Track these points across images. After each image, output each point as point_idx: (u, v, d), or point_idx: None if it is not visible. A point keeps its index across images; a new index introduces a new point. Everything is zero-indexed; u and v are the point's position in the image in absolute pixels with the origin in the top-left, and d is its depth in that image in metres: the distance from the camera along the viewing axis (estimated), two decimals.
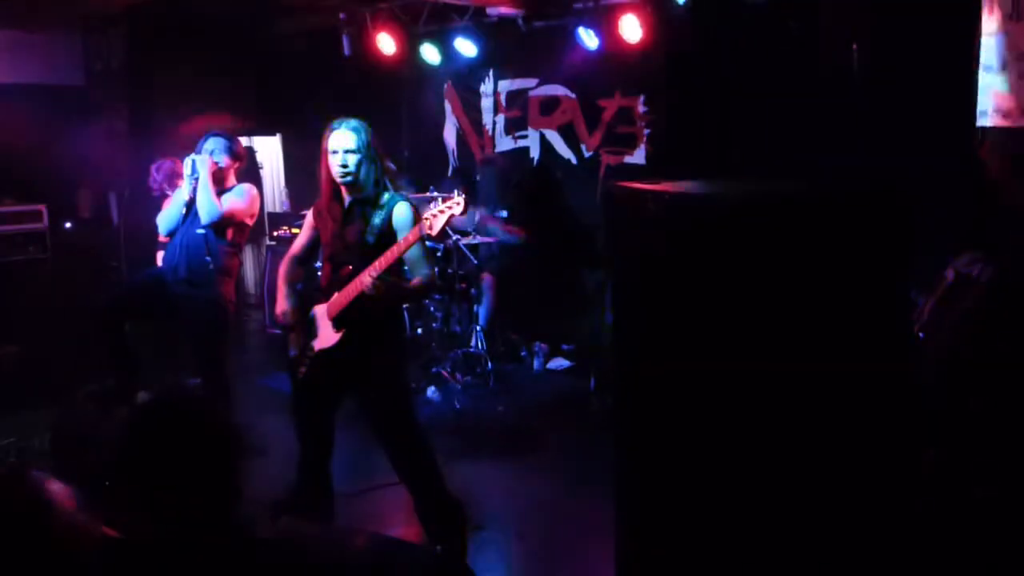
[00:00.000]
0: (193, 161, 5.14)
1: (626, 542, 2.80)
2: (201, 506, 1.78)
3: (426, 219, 3.61)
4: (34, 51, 8.05)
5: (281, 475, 4.43)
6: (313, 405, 4.11)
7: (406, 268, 3.91)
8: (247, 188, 5.33)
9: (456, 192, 3.66)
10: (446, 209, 3.60)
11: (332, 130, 3.90)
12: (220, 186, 5.24)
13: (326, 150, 3.90)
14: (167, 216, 5.32)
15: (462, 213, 3.68)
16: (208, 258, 5.15)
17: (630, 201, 2.65)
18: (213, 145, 5.27)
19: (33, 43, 8.02)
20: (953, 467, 2.52)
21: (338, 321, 3.95)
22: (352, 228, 3.94)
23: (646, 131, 7.16)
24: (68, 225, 8.18)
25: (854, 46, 5.52)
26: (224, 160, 5.29)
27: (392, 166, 4.08)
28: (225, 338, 5.33)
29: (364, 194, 3.92)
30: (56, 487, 1.57)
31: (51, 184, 7.82)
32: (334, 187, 3.98)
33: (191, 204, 5.18)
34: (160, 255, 5.77)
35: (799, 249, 2.29)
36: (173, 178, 5.73)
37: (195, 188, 5.12)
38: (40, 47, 8.11)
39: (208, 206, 5.10)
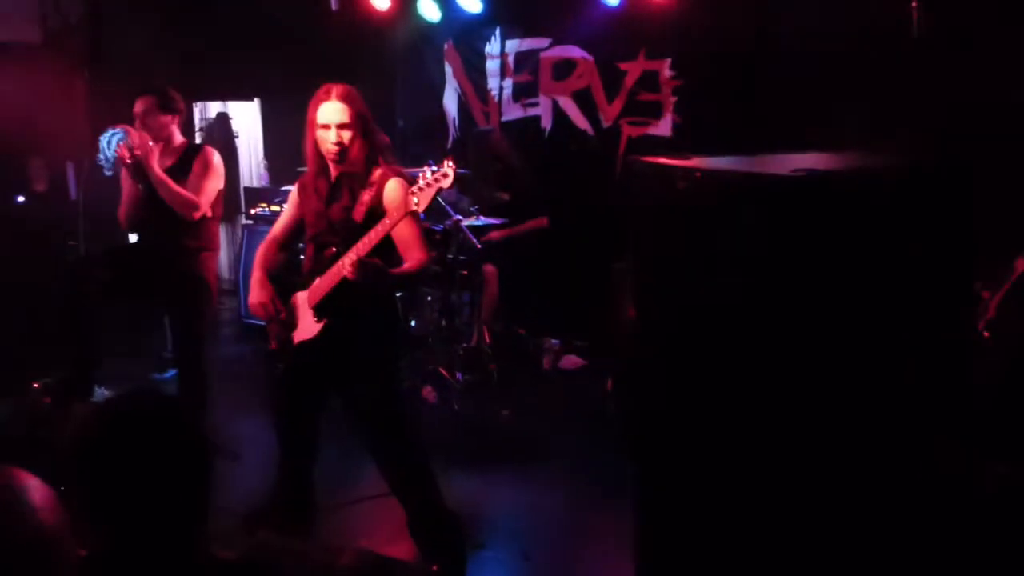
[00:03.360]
0: (113, 151, 5.08)
1: (646, 562, 2.79)
2: (164, 519, 1.77)
3: (412, 193, 3.58)
4: None
5: (258, 483, 4.44)
6: (294, 405, 4.11)
7: (399, 251, 3.89)
8: (209, 161, 5.25)
9: (446, 163, 3.61)
10: (433, 182, 3.57)
11: (321, 100, 3.88)
12: (167, 149, 5.23)
13: (314, 122, 3.89)
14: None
15: (450, 186, 3.65)
16: (187, 241, 5.19)
17: (655, 178, 2.64)
18: (141, 106, 5.18)
19: None
20: None
21: (320, 309, 3.94)
22: (338, 205, 3.94)
23: (673, 99, 7.12)
24: (20, 199, 8.19)
25: (913, 4, 5.48)
26: (157, 119, 5.19)
27: (386, 139, 4.08)
28: (206, 320, 5.35)
29: (354, 169, 3.91)
30: (35, 484, 1.55)
31: (2, 154, 7.82)
32: (321, 161, 3.97)
33: (151, 194, 5.14)
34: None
35: (847, 232, 2.27)
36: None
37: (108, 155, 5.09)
38: None
39: (183, 205, 5.12)
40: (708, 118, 6.80)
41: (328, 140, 3.86)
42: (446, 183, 3.59)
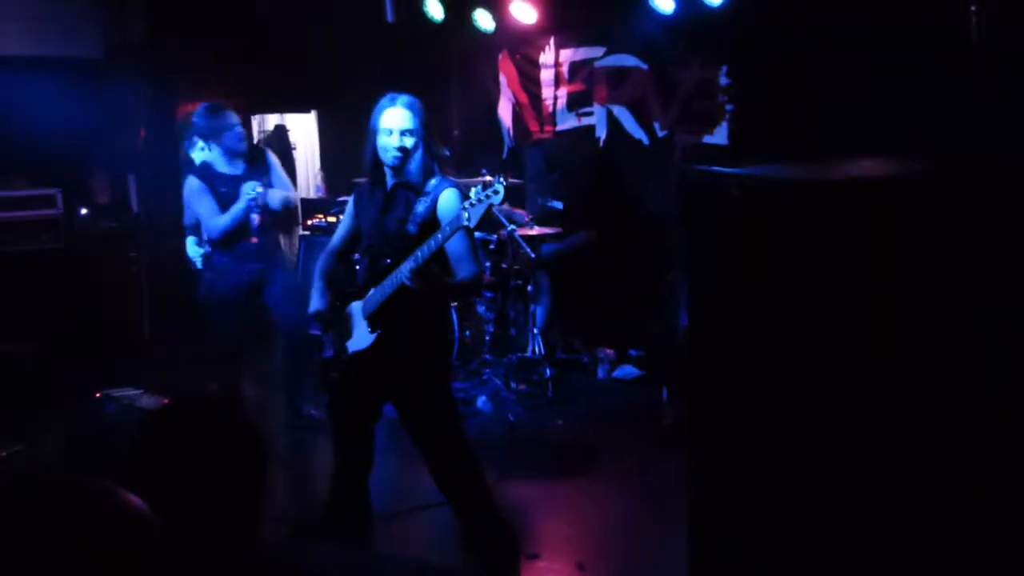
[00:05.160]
0: (256, 188, 5.56)
1: (701, 573, 2.77)
2: (217, 524, 1.79)
3: (464, 209, 3.61)
4: (51, 21, 8.23)
5: (314, 492, 4.49)
6: (349, 413, 4.14)
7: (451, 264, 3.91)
8: (276, 159, 5.98)
9: (497, 179, 3.63)
10: (484, 199, 3.59)
11: (384, 108, 3.92)
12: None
13: (377, 129, 3.92)
14: (228, 228, 5.60)
15: (503, 202, 3.67)
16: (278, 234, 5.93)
17: (710, 187, 2.63)
18: (238, 121, 5.69)
19: (50, 13, 8.20)
20: None
21: (374, 320, 3.97)
22: (393, 216, 3.97)
23: (729, 107, 7.07)
24: (84, 211, 8.37)
25: (973, 8, 5.39)
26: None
27: (446, 152, 4.10)
28: None
29: (410, 179, 3.94)
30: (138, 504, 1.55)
31: (66, 167, 8.00)
32: (379, 171, 4.00)
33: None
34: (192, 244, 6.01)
35: (910, 240, 2.24)
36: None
37: (253, 209, 5.56)
38: (57, 17, 8.28)
39: (292, 201, 5.99)
40: (764, 125, 6.74)
41: (391, 145, 3.88)
42: (497, 199, 3.61)
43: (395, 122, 3.88)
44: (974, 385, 2.24)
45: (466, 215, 3.60)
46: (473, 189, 3.64)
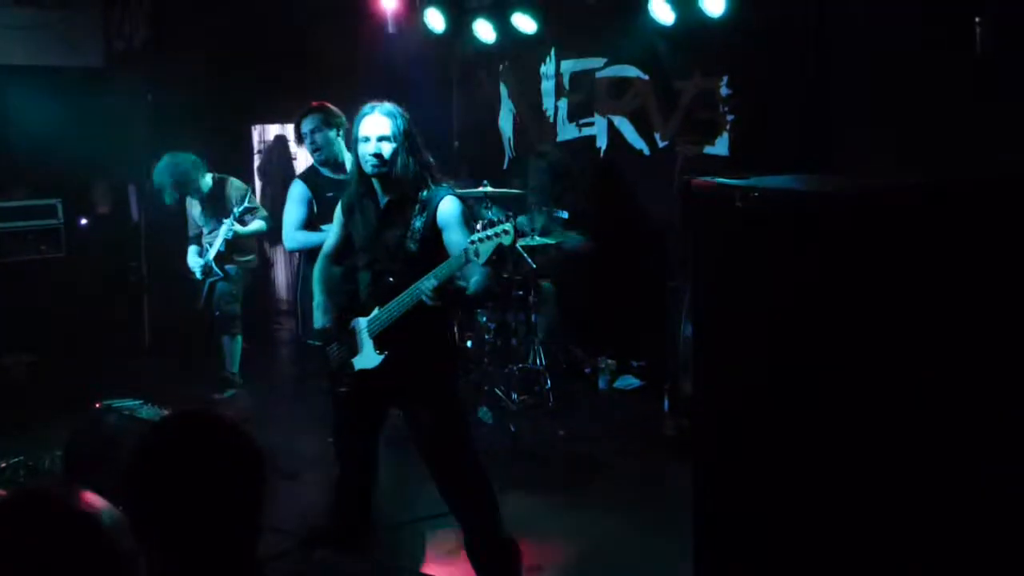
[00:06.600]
0: None
1: None
2: (217, 536, 1.79)
3: (472, 243, 3.59)
4: (51, 30, 8.25)
5: (317, 503, 4.48)
6: (355, 426, 4.13)
7: (458, 276, 3.90)
8: None
9: (507, 217, 3.63)
10: (493, 236, 3.57)
11: (364, 115, 3.89)
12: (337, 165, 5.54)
13: (356, 138, 3.89)
14: (312, 243, 5.26)
15: (511, 244, 3.65)
16: None
17: (713, 198, 2.63)
18: (314, 129, 5.49)
19: (50, 21, 8.23)
20: None
21: (380, 340, 3.94)
22: (391, 233, 3.93)
23: (730, 117, 7.08)
24: (84, 221, 8.37)
25: (976, 19, 5.39)
26: (325, 135, 5.54)
27: (431, 160, 4.03)
28: None
29: (402, 192, 3.91)
30: (106, 507, 1.55)
31: (66, 176, 8.00)
32: (366, 182, 3.97)
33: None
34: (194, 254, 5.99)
35: (903, 249, 2.24)
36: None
37: None
38: (58, 25, 8.30)
39: None
40: (765, 136, 6.74)
41: (368, 153, 3.84)
42: (507, 240, 3.58)
43: (372, 129, 3.84)
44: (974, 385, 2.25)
45: (473, 249, 3.58)
46: (480, 223, 3.63)
